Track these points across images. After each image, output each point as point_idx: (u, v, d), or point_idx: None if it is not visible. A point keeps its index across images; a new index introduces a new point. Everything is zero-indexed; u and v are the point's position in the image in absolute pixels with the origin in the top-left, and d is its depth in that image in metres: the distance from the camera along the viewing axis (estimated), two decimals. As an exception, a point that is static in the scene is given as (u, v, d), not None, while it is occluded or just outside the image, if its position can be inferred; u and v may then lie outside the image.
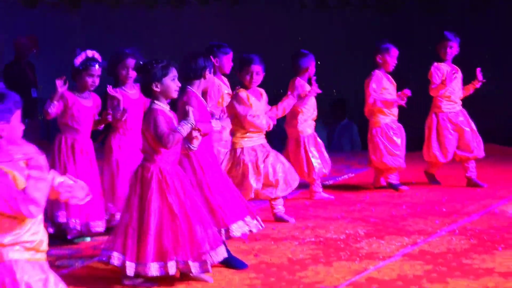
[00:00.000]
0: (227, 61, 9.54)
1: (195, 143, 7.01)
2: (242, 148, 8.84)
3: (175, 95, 7.01)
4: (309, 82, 10.00)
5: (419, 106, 11.52)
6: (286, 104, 9.31)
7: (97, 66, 8.39)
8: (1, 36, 15.38)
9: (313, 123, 10.18)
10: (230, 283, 6.93)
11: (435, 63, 10.72)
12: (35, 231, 4.42)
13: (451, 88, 10.58)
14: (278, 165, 8.88)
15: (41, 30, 14.21)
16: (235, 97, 8.87)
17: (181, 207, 6.95)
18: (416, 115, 11.42)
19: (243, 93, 8.81)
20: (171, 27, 15.83)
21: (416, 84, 11.45)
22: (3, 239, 4.30)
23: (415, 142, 12.85)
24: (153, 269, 6.87)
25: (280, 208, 9.05)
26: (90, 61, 8.37)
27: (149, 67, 6.96)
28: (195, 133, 6.94)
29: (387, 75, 10.50)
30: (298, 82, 10.12)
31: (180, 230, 6.91)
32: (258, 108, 8.83)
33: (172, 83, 6.93)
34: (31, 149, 4.56)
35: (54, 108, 8.29)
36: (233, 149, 8.89)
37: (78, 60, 8.40)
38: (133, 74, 8.59)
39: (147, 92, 7.03)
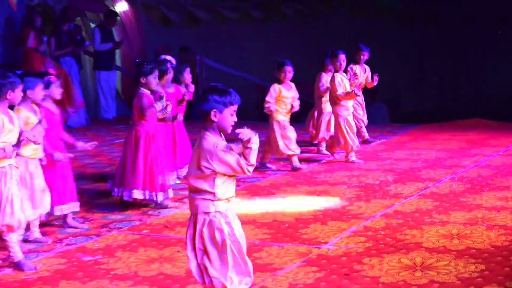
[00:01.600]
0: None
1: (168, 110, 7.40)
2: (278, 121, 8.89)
3: (154, 87, 7.28)
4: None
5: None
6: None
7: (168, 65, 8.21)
8: (146, 45, 15.54)
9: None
10: (306, 206, 7.06)
11: (351, 65, 10.27)
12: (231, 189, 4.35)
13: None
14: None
15: (172, 42, 14.33)
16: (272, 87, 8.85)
17: (159, 155, 7.24)
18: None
19: (275, 86, 8.84)
20: (260, 38, 15.78)
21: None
22: (217, 196, 4.26)
23: (429, 116, 12.69)
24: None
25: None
26: (163, 61, 8.21)
27: (141, 65, 7.21)
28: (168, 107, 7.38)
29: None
30: (323, 76, 9.95)
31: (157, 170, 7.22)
32: (287, 96, 8.86)
33: (153, 80, 7.22)
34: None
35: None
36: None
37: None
38: (170, 76, 8.27)
39: (137, 81, 7.27)
